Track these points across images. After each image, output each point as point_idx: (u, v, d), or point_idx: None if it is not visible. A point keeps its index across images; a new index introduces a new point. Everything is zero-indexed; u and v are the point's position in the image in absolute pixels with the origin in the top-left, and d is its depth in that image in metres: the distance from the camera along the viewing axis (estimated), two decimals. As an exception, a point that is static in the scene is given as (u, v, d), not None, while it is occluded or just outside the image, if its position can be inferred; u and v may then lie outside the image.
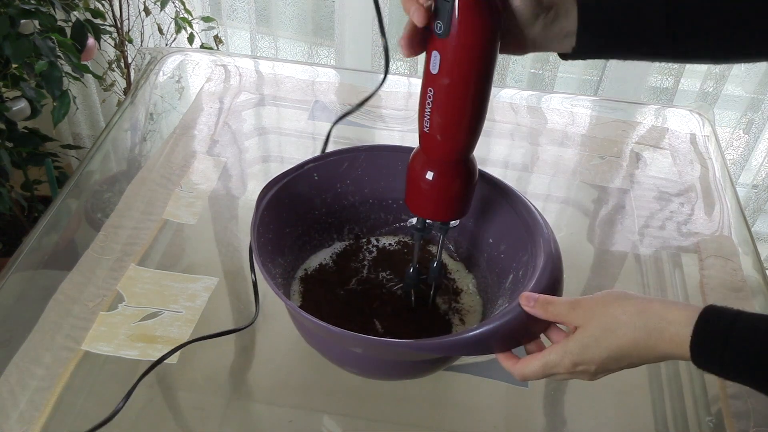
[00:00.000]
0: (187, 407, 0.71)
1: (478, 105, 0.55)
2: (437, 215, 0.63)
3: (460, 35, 0.51)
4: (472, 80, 0.53)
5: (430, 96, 0.55)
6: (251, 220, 0.66)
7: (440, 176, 0.60)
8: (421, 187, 0.61)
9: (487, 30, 0.51)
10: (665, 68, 1.58)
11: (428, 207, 0.63)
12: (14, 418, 0.67)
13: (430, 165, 0.60)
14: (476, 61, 0.52)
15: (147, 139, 1.10)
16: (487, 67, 0.53)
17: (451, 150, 0.58)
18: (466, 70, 0.53)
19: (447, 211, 0.63)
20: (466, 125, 0.56)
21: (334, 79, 1.26)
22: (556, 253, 0.62)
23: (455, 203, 0.62)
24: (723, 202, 1.02)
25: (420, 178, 0.60)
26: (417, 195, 0.62)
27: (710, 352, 0.48)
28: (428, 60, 0.53)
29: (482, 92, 0.55)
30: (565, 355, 0.53)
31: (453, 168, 0.60)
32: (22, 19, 1.11)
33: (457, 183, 0.60)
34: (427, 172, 0.60)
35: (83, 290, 0.80)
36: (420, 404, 0.72)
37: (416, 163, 0.61)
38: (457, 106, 0.55)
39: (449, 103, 0.55)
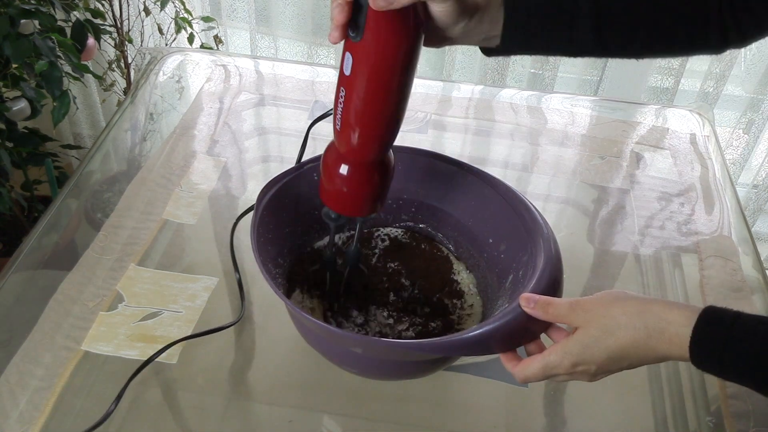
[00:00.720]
0: (186, 407, 0.71)
1: (388, 110, 0.55)
2: (351, 211, 0.63)
3: (369, 42, 0.50)
4: (381, 86, 0.53)
5: (342, 96, 0.54)
6: (251, 220, 0.66)
7: (353, 174, 0.59)
8: (334, 183, 0.60)
9: (399, 41, 0.50)
10: (665, 68, 1.58)
11: (341, 203, 0.62)
12: (14, 418, 0.67)
13: (343, 161, 0.59)
14: (386, 69, 0.52)
15: (147, 139, 1.10)
16: (399, 76, 0.52)
17: (361, 150, 0.57)
18: (375, 76, 0.52)
19: (361, 208, 0.62)
20: (375, 128, 0.56)
21: (333, 79, 1.26)
22: (556, 253, 0.62)
23: (368, 201, 0.62)
24: (723, 202, 1.02)
25: (333, 174, 0.60)
26: (330, 190, 0.61)
27: (710, 352, 0.48)
28: (342, 60, 0.53)
29: (392, 99, 0.54)
30: (565, 355, 0.53)
31: (366, 167, 0.59)
32: (22, 19, 1.11)
33: (370, 182, 0.60)
34: (339, 168, 0.59)
35: (83, 290, 0.80)
36: (420, 404, 0.72)
37: (329, 158, 0.60)
38: (366, 110, 0.54)
39: (358, 106, 0.54)
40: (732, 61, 1.53)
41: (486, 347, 0.57)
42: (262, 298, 0.81)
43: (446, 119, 1.15)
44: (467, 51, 1.68)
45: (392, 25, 0.50)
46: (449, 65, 1.66)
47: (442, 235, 0.79)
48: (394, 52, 0.51)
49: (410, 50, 0.51)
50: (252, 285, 0.82)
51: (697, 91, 1.62)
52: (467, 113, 1.18)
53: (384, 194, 0.63)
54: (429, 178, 0.77)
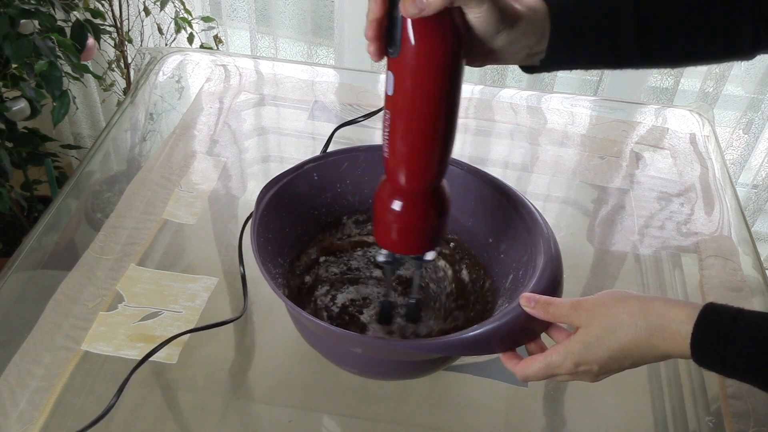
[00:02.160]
0: (186, 407, 0.71)
1: (437, 129, 0.51)
2: (406, 249, 0.59)
3: (407, 55, 0.48)
4: (426, 103, 0.50)
5: (387, 119, 0.52)
6: (251, 220, 0.66)
7: (406, 207, 0.55)
8: (387, 219, 0.56)
9: (439, 50, 0.48)
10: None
11: (396, 240, 0.58)
12: (14, 418, 0.67)
13: (395, 195, 0.56)
14: (428, 83, 0.49)
15: (147, 139, 1.10)
16: (443, 88, 0.50)
17: (413, 178, 0.54)
18: (418, 91, 0.49)
19: (417, 244, 0.58)
20: (424, 151, 0.52)
21: (333, 79, 1.26)
22: (555, 253, 0.62)
23: (424, 235, 0.58)
24: (723, 202, 1.02)
25: (386, 209, 0.56)
26: (384, 227, 0.58)
27: (711, 350, 0.48)
28: (386, 82, 0.51)
29: (440, 115, 0.51)
30: (567, 355, 0.53)
31: (419, 198, 0.55)
32: (22, 19, 1.11)
33: (425, 214, 0.56)
34: (392, 202, 0.56)
35: (83, 290, 0.80)
36: (420, 404, 0.72)
37: (382, 193, 0.57)
38: (413, 130, 0.51)
39: (404, 127, 0.51)
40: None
41: (486, 347, 0.57)
42: (262, 298, 0.81)
43: (446, 119, 1.15)
44: (467, 51, 1.68)
45: (428, 34, 0.47)
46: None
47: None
48: (433, 63, 0.48)
49: (450, 59, 0.49)
50: (252, 285, 0.82)
51: (696, 91, 1.62)
52: (467, 113, 1.18)
53: (441, 229, 0.58)
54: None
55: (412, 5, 0.46)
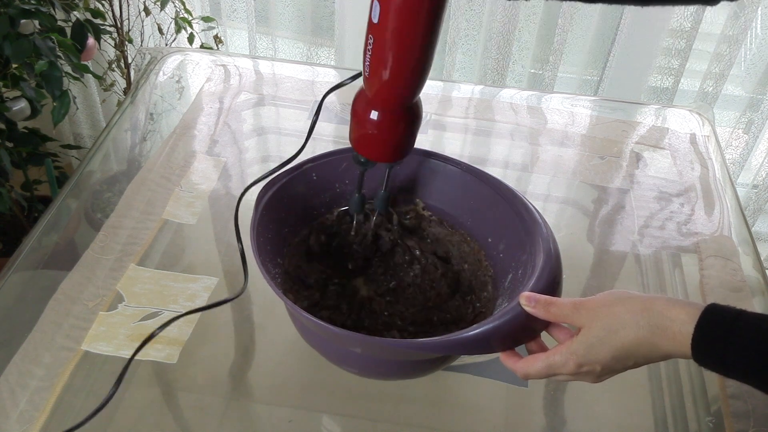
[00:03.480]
0: (187, 407, 0.71)
1: (416, 56, 0.56)
2: (379, 157, 0.64)
3: None
4: (408, 32, 0.54)
5: (371, 43, 0.56)
6: (251, 220, 0.66)
7: (383, 121, 0.61)
8: (364, 129, 0.62)
9: None
10: (665, 68, 1.58)
11: (371, 148, 0.64)
12: (14, 418, 0.67)
13: (373, 107, 0.61)
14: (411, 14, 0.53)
15: (147, 139, 1.10)
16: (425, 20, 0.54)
17: (389, 96, 0.59)
18: (401, 21, 0.53)
19: (389, 154, 0.64)
20: (403, 74, 0.57)
21: (333, 79, 1.26)
22: (555, 252, 0.62)
23: (397, 147, 0.63)
24: (723, 202, 1.02)
25: (363, 120, 0.62)
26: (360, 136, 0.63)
27: (712, 350, 0.48)
28: (371, 8, 0.55)
29: (419, 44, 0.55)
30: (570, 356, 0.53)
31: (396, 113, 0.61)
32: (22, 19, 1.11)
33: (399, 128, 0.61)
34: (368, 114, 0.61)
35: (83, 290, 0.80)
36: (420, 404, 0.72)
37: (359, 105, 0.62)
38: (394, 56, 0.56)
39: (386, 52, 0.56)
40: (731, 61, 1.53)
41: (486, 346, 0.57)
42: (262, 298, 0.81)
43: (446, 119, 1.15)
44: (467, 51, 1.68)
45: None
46: (449, 65, 1.66)
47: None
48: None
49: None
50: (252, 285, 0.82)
51: (696, 91, 1.62)
52: (467, 113, 1.18)
53: (412, 141, 0.64)
54: (429, 178, 0.77)
55: None
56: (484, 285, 0.73)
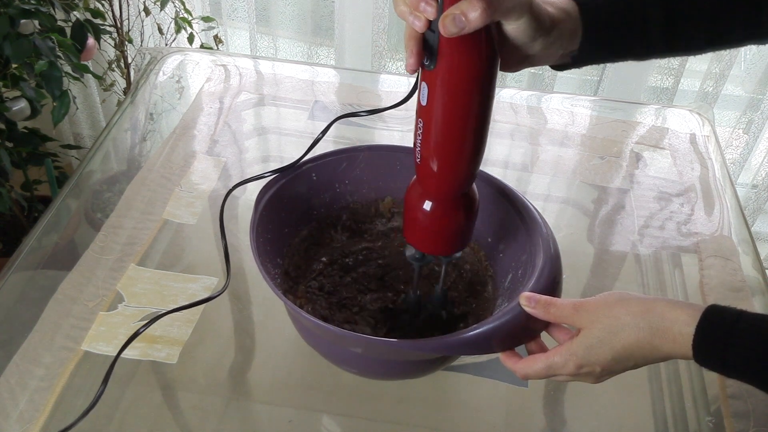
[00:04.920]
0: (187, 407, 0.71)
1: (468, 140, 0.53)
2: (435, 249, 0.60)
3: (443, 70, 0.49)
4: (459, 115, 0.51)
5: (419, 128, 0.53)
6: (250, 220, 0.66)
7: (436, 210, 0.57)
8: (418, 220, 0.58)
9: (474, 66, 0.48)
10: (665, 68, 1.58)
11: (425, 240, 0.60)
12: (14, 418, 0.67)
13: (425, 197, 0.57)
14: (462, 96, 0.50)
15: (147, 139, 1.10)
16: (478, 102, 0.51)
17: (443, 183, 0.55)
18: (452, 104, 0.50)
19: (445, 245, 0.60)
20: (455, 160, 0.54)
21: (333, 79, 1.26)
22: (555, 252, 0.62)
23: (453, 237, 0.59)
24: (723, 202, 1.02)
25: (416, 211, 0.58)
26: (414, 227, 0.59)
27: (713, 351, 0.48)
28: (419, 91, 0.52)
29: (473, 127, 0.52)
30: (570, 357, 0.53)
31: (449, 202, 0.57)
32: (22, 19, 1.11)
33: (454, 218, 0.58)
34: (422, 204, 0.57)
35: (83, 290, 0.80)
36: (420, 404, 0.72)
37: (412, 194, 0.58)
38: (444, 141, 0.52)
39: (436, 137, 0.52)
40: (731, 61, 1.53)
41: (486, 346, 0.57)
42: (262, 298, 0.81)
43: (446, 119, 1.15)
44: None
45: (465, 49, 0.48)
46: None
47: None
48: (469, 77, 0.49)
49: (486, 74, 0.49)
50: (252, 285, 0.82)
51: (696, 91, 1.62)
52: (467, 113, 1.18)
53: (470, 231, 0.60)
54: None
55: (452, 24, 0.46)
56: (484, 285, 0.73)
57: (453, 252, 0.61)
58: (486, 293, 0.72)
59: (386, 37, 1.63)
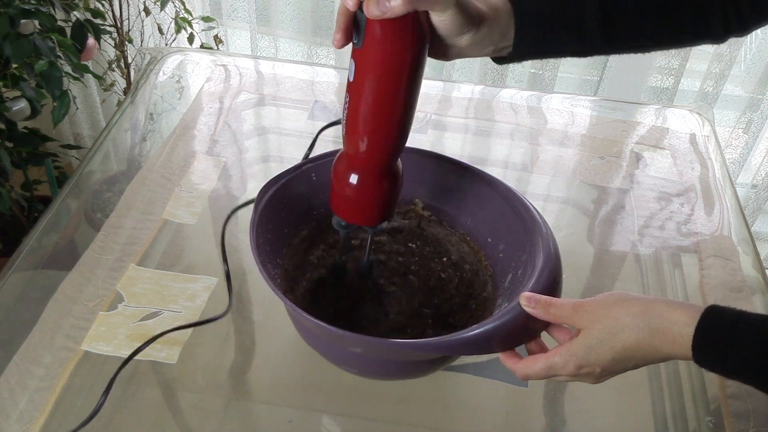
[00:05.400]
0: (187, 407, 0.71)
1: (391, 119, 0.54)
2: (359, 220, 0.62)
3: (368, 49, 0.50)
4: (382, 94, 0.52)
5: (347, 102, 0.54)
6: (250, 220, 0.66)
7: (360, 183, 0.59)
8: (342, 191, 0.60)
9: (397, 49, 0.50)
10: (665, 68, 1.58)
11: (350, 211, 0.62)
12: (14, 418, 0.67)
13: (350, 169, 0.59)
14: (385, 77, 0.51)
15: (147, 139, 1.10)
16: (400, 84, 0.52)
17: (366, 157, 0.57)
18: (375, 83, 0.52)
19: (369, 216, 0.62)
20: (376, 136, 0.55)
21: (333, 79, 1.26)
22: (555, 252, 0.62)
23: (376, 209, 0.61)
24: (723, 202, 1.02)
25: (341, 182, 0.60)
26: (339, 198, 0.61)
27: (713, 352, 0.48)
28: (349, 67, 0.53)
29: (396, 107, 0.53)
30: (570, 357, 0.53)
31: (372, 175, 0.58)
32: (22, 19, 1.11)
33: (376, 190, 0.59)
34: (347, 176, 0.59)
35: (83, 290, 0.80)
36: (420, 404, 0.72)
37: (339, 166, 0.60)
38: (368, 117, 0.54)
39: (361, 112, 0.54)
40: (731, 61, 1.53)
41: (486, 346, 0.57)
42: (262, 298, 0.81)
43: (446, 119, 1.15)
44: (467, 51, 1.68)
45: (390, 32, 0.49)
46: (449, 65, 1.66)
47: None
48: (392, 59, 0.50)
49: (410, 59, 0.51)
50: (252, 285, 0.82)
51: (696, 91, 1.62)
52: (467, 113, 1.18)
53: (393, 204, 0.62)
54: (428, 178, 0.77)
55: (375, 7, 0.48)
56: (484, 285, 0.73)
57: (375, 223, 0.63)
58: (486, 293, 0.72)
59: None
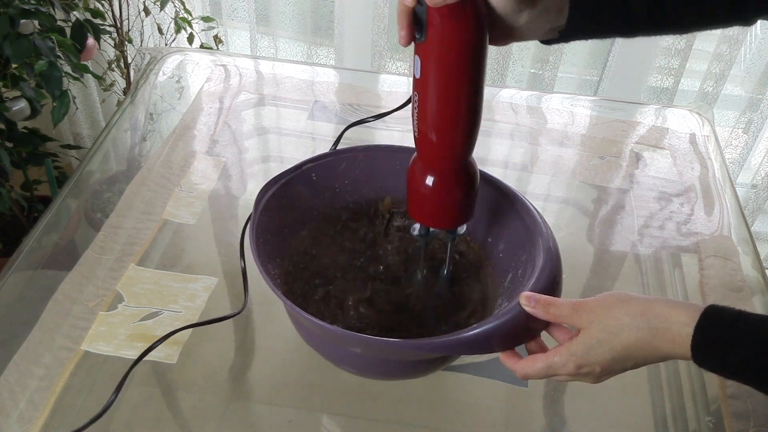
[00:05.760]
0: (186, 407, 0.71)
1: (463, 109, 0.54)
2: (439, 223, 0.62)
3: (432, 41, 0.50)
4: (451, 85, 0.52)
5: (415, 101, 0.54)
6: (250, 220, 0.66)
7: (438, 183, 0.58)
8: (420, 194, 0.60)
9: (463, 35, 0.50)
10: (665, 68, 1.58)
11: (429, 214, 0.61)
12: (14, 418, 0.67)
13: (426, 171, 0.58)
14: (453, 66, 0.51)
15: (147, 139, 1.10)
16: (468, 71, 0.52)
17: (441, 155, 0.57)
18: (443, 74, 0.52)
19: (448, 218, 0.61)
20: (451, 130, 0.55)
21: (333, 79, 1.26)
22: (555, 252, 0.62)
23: (456, 210, 0.61)
24: (722, 201, 1.02)
25: (418, 185, 0.59)
26: (417, 202, 0.61)
27: (711, 352, 0.48)
28: (413, 65, 0.53)
29: (465, 96, 0.53)
30: (569, 357, 0.53)
31: (449, 174, 0.58)
32: (22, 19, 1.11)
33: (455, 190, 0.59)
34: (423, 178, 0.59)
35: (83, 290, 0.80)
36: (420, 404, 0.72)
37: (414, 170, 0.60)
38: (439, 111, 0.54)
39: (431, 108, 0.54)
40: (731, 61, 1.53)
41: (486, 346, 0.57)
42: (262, 298, 0.81)
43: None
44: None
45: (452, 19, 0.49)
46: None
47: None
48: (457, 46, 0.50)
49: (474, 44, 0.51)
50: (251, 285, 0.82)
51: (696, 91, 1.62)
52: (467, 113, 1.18)
53: (471, 204, 0.61)
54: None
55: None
56: (484, 285, 0.73)
57: (455, 225, 0.62)
58: (486, 293, 0.72)
59: (386, 37, 1.63)
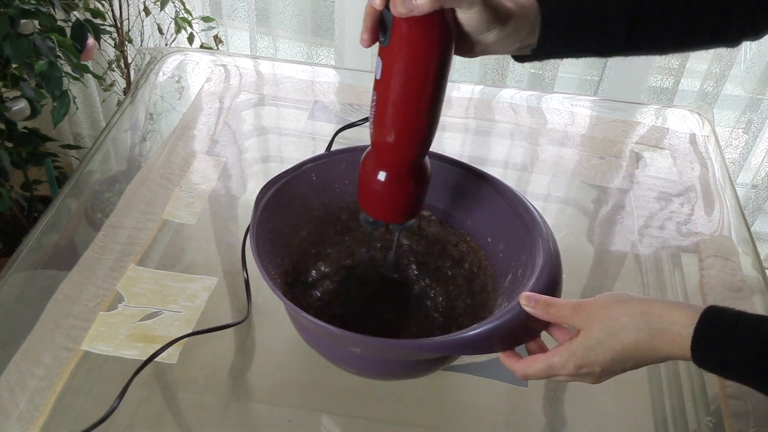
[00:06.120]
0: (186, 407, 0.71)
1: (418, 116, 0.54)
2: (387, 217, 0.63)
3: (395, 47, 0.50)
4: (408, 92, 0.53)
5: (374, 101, 0.55)
6: (250, 221, 0.66)
7: (388, 180, 0.59)
8: (371, 189, 0.61)
9: (424, 47, 0.50)
10: (665, 68, 1.58)
11: (379, 208, 0.62)
12: (14, 418, 0.67)
13: (378, 167, 0.59)
14: (413, 75, 0.51)
15: (147, 139, 1.10)
16: (427, 82, 0.52)
17: (393, 155, 0.57)
18: (402, 81, 0.52)
19: (395, 214, 0.62)
20: (405, 134, 0.55)
21: (333, 79, 1.26)
22: (555, 252, 0.62)
23: (404, 207, 0.62)
24: (723, 201, 1.02)
25: (370, 180, 0.60)
26: (366, 195, 0.62)
27: (711, 352, 0.48)
28: (376, 66, 0.53)
29: (422, 105, 0.54)
30: (569, 357, 0.53)
31: (400, 173, 0.59)
32: (22, 19, 1.11)
33: (405, 187, 0.60)
34: (375, 174, 0.59)
35: (83, 290, 0.80)
36: (420, 404, 0.72)
37: (366, 164, 0.61)
38: (395, 115, 0.54)
39: (388, 111, 0.54)
40: (731, 61, 1.53)
41: (486, 346, 0.57)
42: (262, 298, 0.81)
43: (446, 119, 1.15)
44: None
45: (417, 30, 0.49)
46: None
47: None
48: (419, 57, 0.51)
49: (437, 56, 0.51)
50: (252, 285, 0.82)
51: (696, 91, 1.62)
52: (467, 113, 1.18)
53: (420, 201, 0.62)
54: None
55: (401, 5, 0.48)
56: (483, 285, 0.73)
57: (403, 220, 0.63)
58: (486, 293, 0.72)
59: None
